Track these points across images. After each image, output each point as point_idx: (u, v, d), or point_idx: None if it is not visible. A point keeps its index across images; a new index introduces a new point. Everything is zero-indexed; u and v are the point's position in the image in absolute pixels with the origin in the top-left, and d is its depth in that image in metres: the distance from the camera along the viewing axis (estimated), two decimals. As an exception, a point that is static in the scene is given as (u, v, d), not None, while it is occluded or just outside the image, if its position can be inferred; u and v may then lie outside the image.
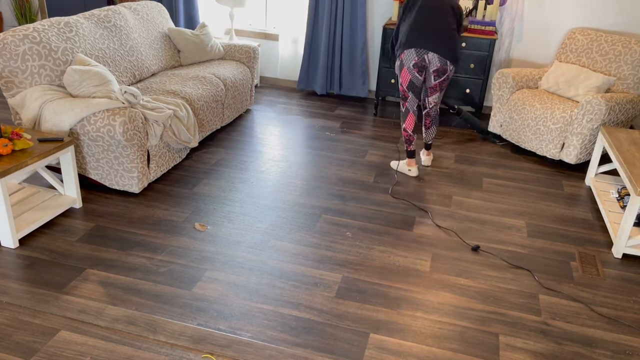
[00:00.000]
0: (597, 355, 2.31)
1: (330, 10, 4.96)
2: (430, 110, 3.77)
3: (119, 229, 2.99)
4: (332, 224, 3.15)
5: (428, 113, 3.78)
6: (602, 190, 3.56)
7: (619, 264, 2.95)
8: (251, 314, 2.41)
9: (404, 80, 3.57)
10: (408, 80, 3.55)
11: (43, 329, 2.26)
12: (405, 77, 3.55)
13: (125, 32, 3.88)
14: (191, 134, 3.61)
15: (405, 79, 3.56)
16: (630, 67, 4.06)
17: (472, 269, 2.83)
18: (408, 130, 3.72)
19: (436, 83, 3.59)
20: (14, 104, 3.19)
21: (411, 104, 3.66)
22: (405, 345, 2.29)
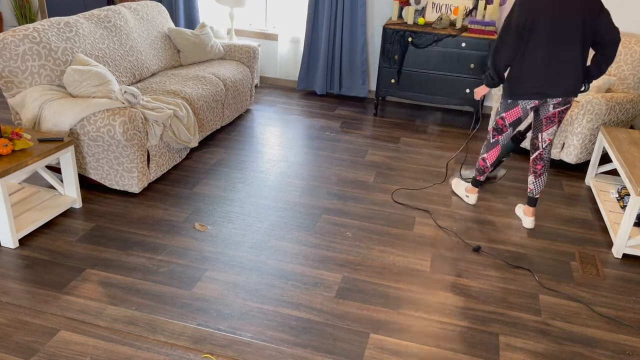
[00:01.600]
0: (597, 355, 2.31)
1: (330, 10, 4.96)
2: (544, 151, 3.12)
3: (119, 229, 2.99)
4: (332, 224, 3.15)
5: (540, 155, 3.13)
6: (602, 190, 3.56)
7: (619, 264, 2.95)
8: (251, 314, 2.41)
9: (509, 116, 3.03)
10: (516, 117, 3.03)
11: (43, 329, 2.26)
12: (514, 115, 3.02)
13: (125, 32, 3.88)
14: (191, 134, 3.61)
15: (512, 116, 3.03)
16: (630, 67, 4.06)
17: (472, 269, 2.83)
18: (487, 163, 3.25)
19: (555, 111, 2.97)
20: (14, 104, 3.19)
21: (504, 138, 3.16)
22: (405, 345, 2.29)
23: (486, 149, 3.25)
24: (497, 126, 3.13)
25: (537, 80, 2.85)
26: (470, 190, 3.44)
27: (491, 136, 3.20)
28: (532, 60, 2.81)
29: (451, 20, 4.70)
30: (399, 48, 4.60)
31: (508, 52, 2.82)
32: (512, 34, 2.77)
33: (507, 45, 2.80)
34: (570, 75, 2.83)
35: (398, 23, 4.68)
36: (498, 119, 3.11)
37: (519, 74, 2.87)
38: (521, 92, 2.91)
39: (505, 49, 2.81)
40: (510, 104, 3.00)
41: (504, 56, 2.83)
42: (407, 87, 4.74)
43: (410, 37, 4.55)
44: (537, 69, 2.82)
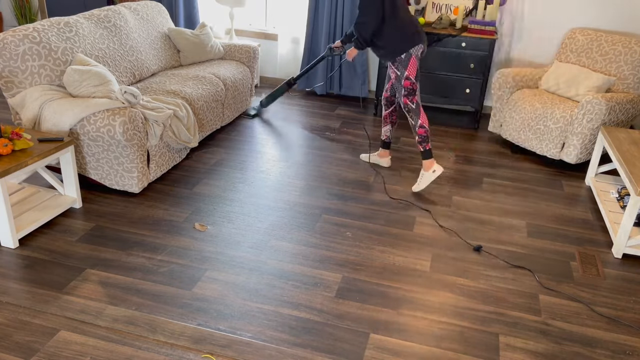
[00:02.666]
0: (597, 355, 2.31)
1: (330, 10, 4.96)
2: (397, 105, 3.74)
3: (119, 229, 2.99)
4: (332, 224, 3.15)
5: (395, 108, 3.73)
6: (602, 190, 3.56)
7: (619, 264, 2.95)
8: (251, 314, 2.41)
9: (412, 71, 3.34)
10: (416, 69, 3.36)
11: (43, 329, 2.26)
12: (414, 67, 3.34)
13: (125, 32, 3.88)
14: (191, 134, 3.61)
15: (413, 70, 3.34)
16: (630, 67, 4.06)
17: (472, 269, 2.83)
18: (426, 126, 3.43)
19: None
20: (14, 104, 3.19)
21: (419, 97, 3.42)
22: (405, 345, 2.29)
23: (416, 116, 3.42)
24: (409, 89, 3.37)
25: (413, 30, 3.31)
26: (430, 164, 3.48)
27: (410, 102, 3.40)
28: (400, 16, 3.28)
29: (451, 20, 4.70)
30: (399, 48, 4.60)
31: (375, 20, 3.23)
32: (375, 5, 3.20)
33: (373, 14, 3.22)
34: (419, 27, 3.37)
35: (398, 23, 4.67)
36: (405, 81, 3.36)
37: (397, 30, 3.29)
38: (408, 44, 3.30)
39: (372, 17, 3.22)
40: (406, 58, 3.32)
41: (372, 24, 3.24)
42: (407, 87, 4.73)
43: (410, 37, 4.55)
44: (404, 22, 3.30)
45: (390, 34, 3.30)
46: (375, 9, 3.21)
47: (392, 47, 3.32)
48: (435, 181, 3.75)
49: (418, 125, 3.42)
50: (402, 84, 3.36)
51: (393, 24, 3.29)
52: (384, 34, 3.31)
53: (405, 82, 3.36)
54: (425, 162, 3.49)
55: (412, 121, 3.44)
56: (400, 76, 3.36)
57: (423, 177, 3.51)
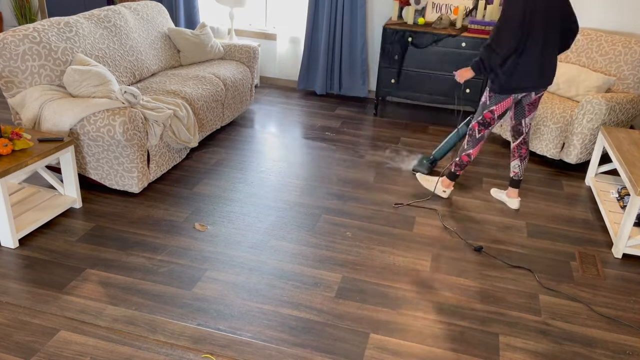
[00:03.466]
0: (597, 355, 2.31)
1: (330, 10, 4.96)
2: (527, 135, 3.27)
3: (119, 229, 2.99)
4: (332, 224, 3.15)
5: (524, 140, 3.29)
6: (602, 190, 3.55)
7: (619, 264, 2.95)
8: (251, 314, 2.41)
9: (499, 108, 3.09)
10: (505, 109, 3.10)
11: (43, 329, 2.26)
12: (503, 107, 3.09)
13: (125, 32, 3.88)
14: (191, 134, 3.61)
15: (501, 108, 3.09)
16: (630, 67, 4.06)
17: (472, 269, 2.83)
18: (471, 158, 3.31)
19: (536, 97, 3.13)
20: (14, 104, 3.19)
21: (489, 132, 3.23)
22: (405, 345, 2.29)
23: (472, 145, 3.27)
24: (484, 120, 3.17)
25: (532, 74, 2.96)
26: (448, 185, 3.45)
27: (477, 131, 3.22)
28: (528, 55, 2.90)
29: (451, 20, 4.70)
30: (399, 48, 4.60)
31: (508, 50, 2.84)
32: (513, 32, 2.80)
33: (508, 43, 2.82)
34: (554, 65, 3.03)
35: (398, 23, 4.68)
36: (486, 112, 3.14)
37: (516, 69, 2.93)
38: (518, 86, 2.99)
39: (506, 47, 2.83)
40: (503, 97, 3.06)
41: (504, 54, 2.85)
42: (407, 87, 4.74)
43: (410, 37, 4.55)
44: (534, 64, 2.93)
45: (510, 69, 2.94)
46: (515, 39, 2.81)
47: (502, 81, 2.99)
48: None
49: (466, 153, 3.30)
50: (483, 113, 3.14)
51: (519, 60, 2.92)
52: (505, 66, 2.95)
53: (487, 113, 3.13)
54: (446, 180, 3.44)
55: (466, 145, 3.29)
56: (487, 105, 3.12)
57: (435, 183, 3.49)
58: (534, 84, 3.00)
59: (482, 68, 2.94)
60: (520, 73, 2.94)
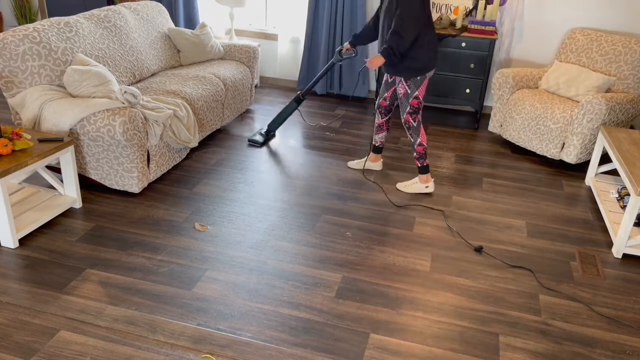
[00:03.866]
0: (597, 355, 2.31)
1: (330, 10, 4.96)
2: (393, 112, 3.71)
3: (119, 229, 2.99)
4: (332, 224, 3.15)
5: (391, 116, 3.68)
6: (602, 190, 3.56)
7: (619, 264, 2.95)
8: (251, 314, 2.41)
9: (422, 91, 3.30)
10: (425, 89, 3.32)
11: (43, 329, 2.26)
12: (424, 88, 3.30)
13: (125, 32, 3.88)
14: (191, 134, 3.61)
15: (423, 90, 3.30)
16: (630, 67, 4.06)
17: (472, 269, 2.83)
18: (425, 144, 3.44)
19: None
20: (14, 104, 3.19)
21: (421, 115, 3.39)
22: (405, 345, 2.29)
23: (416, 134, 3.41)
24: (414, 108, 3.33)
25: (435, 52, 3.24)
26: (426, 179, 3.52)
27: (412, 121, 3.37)
28: (432, 37, 3.19)
29: (451, 20, 4.70)
30: (399, 48, 4.60)
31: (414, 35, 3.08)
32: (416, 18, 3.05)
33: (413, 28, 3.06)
34: None
35: (398, 23, 4.67)
36: (413, 100, 3.30)
37: (428, 51, 3.19)
38: (431, 65, 3.24)
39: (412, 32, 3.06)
40: (421, 79, 3.25)
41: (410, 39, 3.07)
42: (407, 87, 4.73)
43: (410, 37, 4.55)
44: (434, 44, 3.22)
45: (417, 53, 3.17)
46: (417, 24, 3.07)
47: (414, 66, 3.20)
48: (436, 181, 3.74)
49: (417, 143, 3.43)
50: (409, 102, 3.30)
51: (423, 42, 3.16)
52: (411, 51, 3.17)
53: (413, 100, 3.30)
54: (422, 176, 3.52)
55: (412, 139, 3.44)
56: (409, 94, 3.28)
57: (415, 185, 3.55)
58: (435, 62, 3.27)
59: (392, 54, 3.11)
60: (431, 53, 3.21)
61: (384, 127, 3.68)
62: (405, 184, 3.58)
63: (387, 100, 3.54)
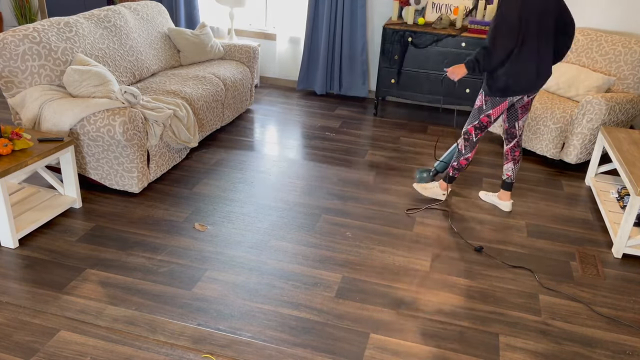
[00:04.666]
0: (597, 355, 2.31)
1: (330, 10, 4.96)
2: (520, 139, 3.25)
3: (119, 229, 2.99)
4: (332, 224, 3.15)
5: (518, 143, 3.26)
6: (602, 190, 3.55)
7: (619, 264, 2.95)
8: (251, 314, 2.41)
9: (496, 112, 3.06)
10: (500, 113, 3.08)
11: (43, 329, 2.26)
12: (500, 110, 3.06)
13: (125, 32, 3.88)
14: (191, 134, 3.61)
15: (498, 112, 3.06)
16: (630, 67, 4.06)
17: (472, 269, 2.83)
18: (470, 161, 3.30)
19: (529, 100, 3.10)
20: (14, 104, 3.19)
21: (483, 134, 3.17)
22: (405, 345, 2.29)
23: (470, 148, 3.24)
24: (482, 125, 3.13)
25: (529, 77, 2.92)
26: (445, 188, 3.43)
27: (474, 135, 3.19)
28: (525, 57, 2.87)
29: (451, 20, 4.70)
30: (399, 48, 4.60)
31: (505, 52, 2.80)
32: (510, 33, 2.77)
33: (505, 44, 2.79)
34: (550, 67, 2.99)
35: (398, 23, 4.68)
36: (483, 117, 3.09)
37: (513, 72, 2.90)
38: (515, 90, 2.95)
39: (502, 48, 2.79)
40: (499, 100, 3.02)
41: (500, 56, 2.81)
42: (407, 87, 4.74)
43: (410, 37, 4.55)
44: (530, 66, 2.89)
45: (501, 72, 2.92)
46: (513, 42, 2.78)
47: (495, 85, 2.97)
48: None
49: (465, 157, 3.27)
50: (480, 118, 3.10)
51: (516, 60, 2.87)
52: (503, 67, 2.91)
53: (484, 118, 3.10)
54: (444, 184, 3.42)
55: (463, 150, 3.25)
56: (483, 110, 3.08)
57: (433, 189, 3.45)
58: (530, 87, 2.96)
59: (477, 68, 2.88)
60: (517, 76, 2.90)
61: (509, 157, 3.31)
62: (424, 186, 3.46)
63: (506, 122, 3.22)
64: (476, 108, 3.12)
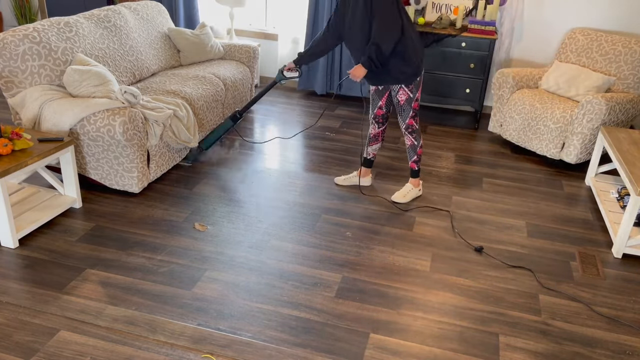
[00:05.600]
0: (597, 355, 2.31)
1: (330, 10, 4.96)
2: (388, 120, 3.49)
3: (119, 229, 2.99)
4: (332, 224, 3.15)
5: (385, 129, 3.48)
6: (602, 190, 3.55)
7: (619, 264, 2.95)
8: (251, 314, 2.41)
9: (419, 92, 3.21)
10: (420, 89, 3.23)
11: (43, 329, 2.26)
12: (420, 88, 3.20)
13: (125, 32, 3.88)
14: (191, 134, 3.61)
15: (420, 90, 3.21)
16: (630, 67, 4.06)
17: (472, 269, 2.83)
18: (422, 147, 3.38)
19: None
20: (14, 104, 3.19)
21: None
22: (405, 345, 2.29)
23: (419, 137, 3.34)
24: (416, 111, 3.24)
25: (421, 50, 3.11)
26: (417, 183, 3.48)
27: (415, 123, 3.29)
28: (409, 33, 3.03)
29: (451, 20, 4.70)
30: (399, 48, 4.60)
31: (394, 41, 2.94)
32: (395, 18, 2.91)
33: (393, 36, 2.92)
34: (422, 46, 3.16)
35: (398, 23, 4.67)
36: (415, 104, 3.20)
37: (411, 52, 3.04)
38: (421, 65, 3.12)
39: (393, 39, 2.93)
40: (417, 80, 3.14)
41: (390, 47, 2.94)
42: (407, 87, 4.73)
43: (410, 37, 4.55)
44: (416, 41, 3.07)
45: (407, 55, 3.03)
46: (397, 27, 2.92)
47: (409, 71, 3.07)
48: (435, 181, 3.75)
49: (419, 146, 3.35)
50: (412, 106, 3.19)
51: (408, 43, 3.02)
52: (399, 55, 3.03)
53: (415, 103, 3.20)
54: (414, 180, 3.47)
55: (415, 142, 3.32)
56: (412, 98, 3.16)
57: (411, 192, 3.46)
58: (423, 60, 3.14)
59: (373, 64, 2.98)
60: (417, 53, 3.07)
61: (379, 138, 3.49)
62: (402, 194, 3.43)
63: (383, 108, 3.36)
64: (404, 102, 3.20)
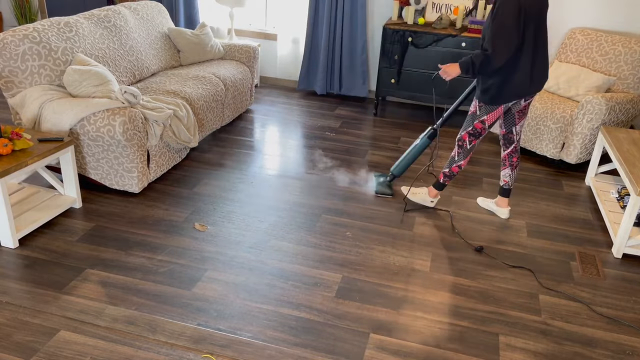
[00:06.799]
0: (597, 355, 2.31)
1: (330, 10, 4.96)
2: (518, 144, 3.15)
3: (119, 229, 2.99)
4: (332, 224, 3.15)
5: (516, 148, 3.15)
6: (602, 190, 3.55)
7: (619, 264, 2.95)
8: (251, 314, 2.41)
9: (490, 118, 2.95)
10: (496, 118, 2.96)
11: (43, 329, 2.26)
12: (494, 116, 2.95)
13: (125, 32, 3.88)
14: (191, 134, 3.61)
15: (493, 118, 2.95)
16: (630, 67, 4.06)
17: (472, 269, 2.83)
18: (462, 169, 3.21)
19: (526, 104, 2.99)
20: (14, 104, 3.19)
21: (479, 141, 3.09)
22: (405, 345, 2.29)
23: (464, 156, 3.11)
24: (475, 131, 3.01)
25: (524, 82, 2.82)
26: (435, 195, 3.33)
27: (468, 142, 3.06)
28: (521, 63, 2.77)
29: (451, 20, 4.70)
30: (399, 48, 4.60)
31: (506, 58, 2.69)
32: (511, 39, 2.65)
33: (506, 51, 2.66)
34: (546, 71, 2.88)
35: (398, 23, 4.68)
36: (477, 123, 2.98)
37: (508, 79, 2.81)
38: (507, 97, 2.86)
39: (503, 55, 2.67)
40: (494, 107, 2.92)
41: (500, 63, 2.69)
42: (407, 87, 4.74)
43: (410, 37, 4.55)
44: (526, 72, 2.79)
45: (497, 78, 2.82)
46: (511, 41, 2.65)
47: (491, 92, 2.86)
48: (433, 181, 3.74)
49: (457, 164, 3.14)
50: (474, 123, 2.99)
51: (510, 66, 2.78)
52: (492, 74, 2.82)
53: (478, 124, 2.98)
54: (433, 190, 3.32)
55: (456, 157, 3.13)
56: (476, 115, 2.97)
57: (423, 195, 3.37)
58: (524, 92, 2.85)
59: (471, 70, 2.76)
60: (513, 83, 2.81)
61: (506, 162, 3.22)
62: (413, 191, 3.39)
63: (504, 127, 3.11)
64: (470, 114, 3.01)
